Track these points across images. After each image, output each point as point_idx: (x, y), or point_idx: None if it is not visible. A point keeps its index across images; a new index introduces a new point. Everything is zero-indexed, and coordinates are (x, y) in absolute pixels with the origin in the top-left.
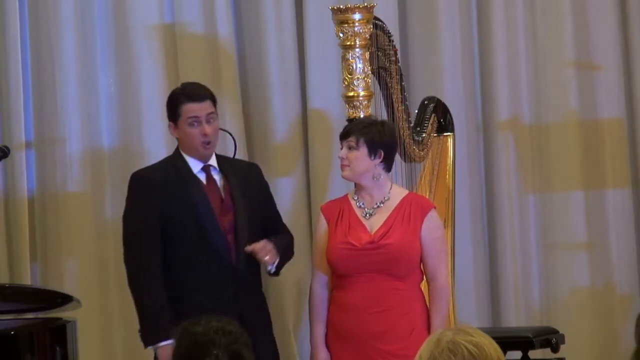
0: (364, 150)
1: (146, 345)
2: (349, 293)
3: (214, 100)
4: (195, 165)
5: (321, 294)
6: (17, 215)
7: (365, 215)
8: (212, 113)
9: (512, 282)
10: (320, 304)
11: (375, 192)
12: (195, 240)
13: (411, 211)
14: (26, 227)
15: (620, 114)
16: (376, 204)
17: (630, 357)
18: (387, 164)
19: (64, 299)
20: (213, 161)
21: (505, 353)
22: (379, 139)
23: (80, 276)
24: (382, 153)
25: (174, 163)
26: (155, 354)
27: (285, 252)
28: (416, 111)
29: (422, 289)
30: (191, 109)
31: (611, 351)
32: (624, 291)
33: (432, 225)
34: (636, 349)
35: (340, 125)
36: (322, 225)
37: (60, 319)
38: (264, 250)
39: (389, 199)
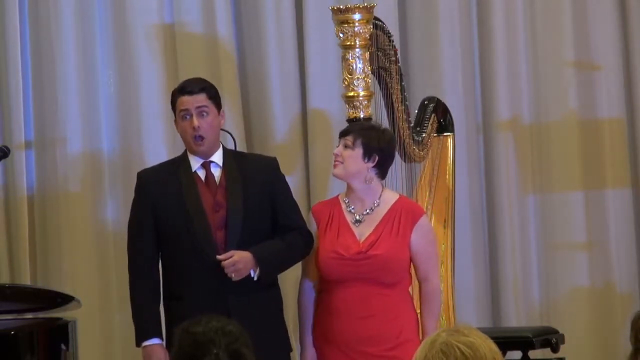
0: (358, 151)
1: (136, 344)
2: (336, 298)
3: (211, 95)
4: (196, 163)
5: (310, 294)
6: (17, 215)
7: (355, 222)
8: (203, 106)
9: (512, 282)
10: (309, 305)
11: (367, 197)
12: (185, 239)
13: (401, 219)
14: (26, 227)
15: (620, 114)
16: (366, 210)
17: (627, 358)
18: (381, 171)
19: (64, 299)
20: (217, 157)
21: (505, 353)
22: (376, 143)
23: (80, 276)
24: (377, 157)
25: (178, 162)
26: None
27: (274, 260)
28: (416, 111)
29: (411, 292)
30: (182, 101)
31: (611, 351)
32: (623, 291)
33: (422, 232)
34: (633, 351)
35: (340, 125)
36: (312, 227)
37: (60, 319)
38: (231, 268)
39: (379, 204)
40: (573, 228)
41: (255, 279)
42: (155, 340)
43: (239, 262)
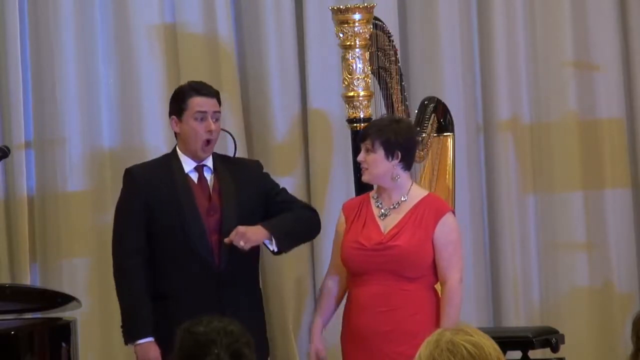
0: (380, 153)
1: (125, 342)
2: (358, 292)
3: (219, 101)
4: (188, 165)
5: (330, 287)
6: (17, 215)
7: (381, 215)
8: (218, 112)
9: (512, 282)
10: (325, 296)
11: (394, 192)
12: (180, 240)
13: (426, 214)
14: (26, 227)
15: (620, 114)
16: (393, 204)
17: (628, 358)
18: (406, 163)
19: (64, 299)
20: (208, 161)
21: (505, 353)
22: (395, 139)
23: (80, 276)
24: (399, 153)
25: (168, 161)
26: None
27: (289, 227)
28: (416, 111)
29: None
30: (200, 102)
31: (611, 351)
32: (623, 291)
33: (445, 229)
34: (634, 351)
35: (340, 125)
36: (340, 223)
37: (60, 319)
38: (237, 236)
39: (406, 200)
40: (573, 228)
41: (276, 249)
42: (149, 339)
43: (245, 230)
